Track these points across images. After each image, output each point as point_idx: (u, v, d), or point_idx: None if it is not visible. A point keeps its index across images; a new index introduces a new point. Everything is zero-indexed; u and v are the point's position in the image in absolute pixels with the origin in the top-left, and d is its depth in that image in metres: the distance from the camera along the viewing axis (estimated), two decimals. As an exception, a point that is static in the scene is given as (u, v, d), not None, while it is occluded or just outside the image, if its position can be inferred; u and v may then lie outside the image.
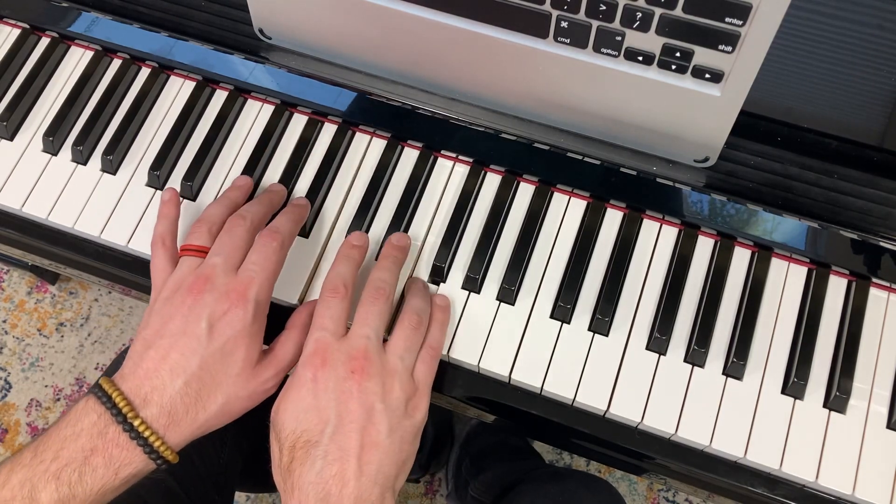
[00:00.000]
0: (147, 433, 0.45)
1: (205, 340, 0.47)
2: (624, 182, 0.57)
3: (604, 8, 0.46)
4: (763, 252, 0.55)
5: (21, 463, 0.45)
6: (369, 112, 0.60)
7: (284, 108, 0.61)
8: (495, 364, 0.54)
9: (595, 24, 0.47)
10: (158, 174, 0.59)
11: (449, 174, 0.59)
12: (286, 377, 0.50)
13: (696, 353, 0.53)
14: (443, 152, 0.60)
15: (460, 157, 0.59)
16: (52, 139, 0.61)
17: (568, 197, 0.58)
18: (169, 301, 0.49)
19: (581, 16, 0.47)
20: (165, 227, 0.53)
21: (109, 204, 0.59)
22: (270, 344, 0.52)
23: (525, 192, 0.58)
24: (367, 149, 0.60)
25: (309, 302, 0.54)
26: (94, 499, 0.45)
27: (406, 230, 0.57)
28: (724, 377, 0.53)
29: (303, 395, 0.46)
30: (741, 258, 0.56)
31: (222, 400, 0.48)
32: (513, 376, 0.53)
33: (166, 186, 0.59)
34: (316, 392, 0.46)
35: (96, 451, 0.44)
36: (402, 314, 0.51)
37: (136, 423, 0.45)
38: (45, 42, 0.65)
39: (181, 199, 0.59)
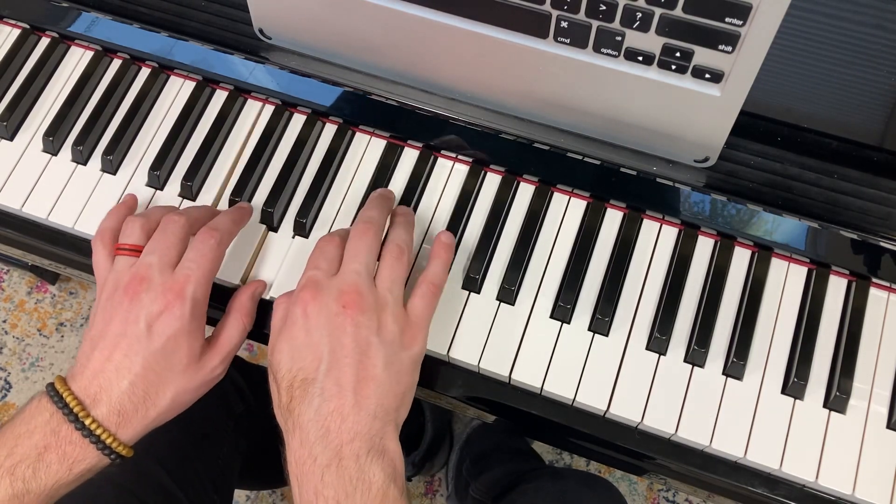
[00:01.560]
0: (99, 431, 0.46)
1: (145, 341, 0.47)
2: (624, 182, 0.57)
3: (604, 8, 0.46)
4: (763, 252, 0.55)
5: None
6: (369, 112, 0.60)
7: (284, 108, 0.61)
8: (495, 364, 0.53)
9: (595, 24, 0.47)
10: (158, 174, 0.59)
11: (449, 174, 0.59)
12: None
13: (696, 353, 0.53)
14: (443, 152, 0.60)
15: (460, 157, 0.59)
16: (52, 139, 0.61)
17: (568, 197, 0.58)
18: (109, 301, 0.49)
19: (581, 16, 0.47)
20: (108, 223, 0.54)
21: (110, 204, 0.59)
22: (213, 331, 0.52)
23: (525, 192, 0.58)
24: (366, 149, 0.60)
25: (247, 284, 0.55)
26: (48, 493, 0.45)
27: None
28: (724, 377, 0.53)
29: (295, 332, 0.46)
30: (741, 258, 0.56)
31: (171, 395, 0.48)
32: (513, 376, 0.53)
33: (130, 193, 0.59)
34: (308, 328, 0.46)
35: (50, 448, 0.45)
36: (385, 246, 0.51)
37: (87, 421, 0.46)
38: (45, 42, 0.65)
39: (181, 198, 0.59)
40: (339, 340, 0.45)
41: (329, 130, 0.61)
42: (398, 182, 0.59)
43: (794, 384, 0.52)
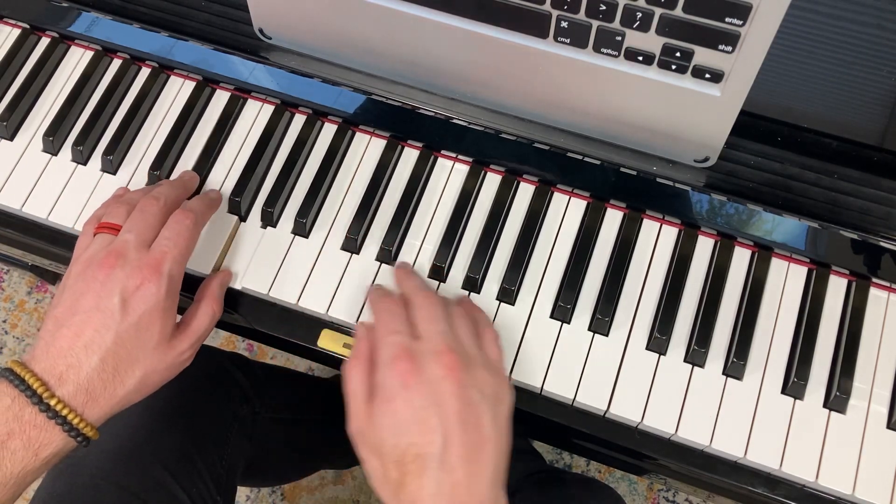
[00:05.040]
0: (65, 412, 0.45)
1: (118, 315, 0.47)
2: (624, 182, 0.57)
3: (604, 8, 0.46)
4: (763, 252, 0.55)
5: None
6: (369, 112, 0.60)
7: (284, 108, 0.61)
8: (495, 364, 0.53)
9: (595, 24, 0.47)
10: (158, 174, 0.59)
11: (449, 174, 0.59)
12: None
13: (696, 353, 0.53)
14: (443, 152, 0.60)
15: (460, 157, 0.59)
16: (52, 139, 0.61)
17: (568, 197, 0.58)
18: (81, 277, 0.48)
19: (581, 16, 0.47)
20: (101, 211, 0.54)
21: (109, 204, 0.59)
22: (183, 316, 0.53)
23: (525, 192, 0.58)
24: (366, 149, 0.60)
25: (217, 273, 0.56)
26: (15, 481, 0.44)
27: (406, 230, 0.57)
28: (724, 377, 0.53)
29: (397, 406, 0.44)
30: (741, 258, 0.56)
31: (140, 374, 0.48)
32: (513, 376, 0.53)
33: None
34: (411, 401, 0.44)
35: (13, 435, 0.44)
36: (448, 307, 0.50)
37: (52, 402, 0.44)
38: (45, 42, 0.65)
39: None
40: (447, 407, 0.43)
41: (329, 130, 0.61)
42: (398, 182, 0.59)
43: (794, 384, 0.52)
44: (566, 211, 0.58)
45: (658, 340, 0.53)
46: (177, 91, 0.63)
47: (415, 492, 0.43)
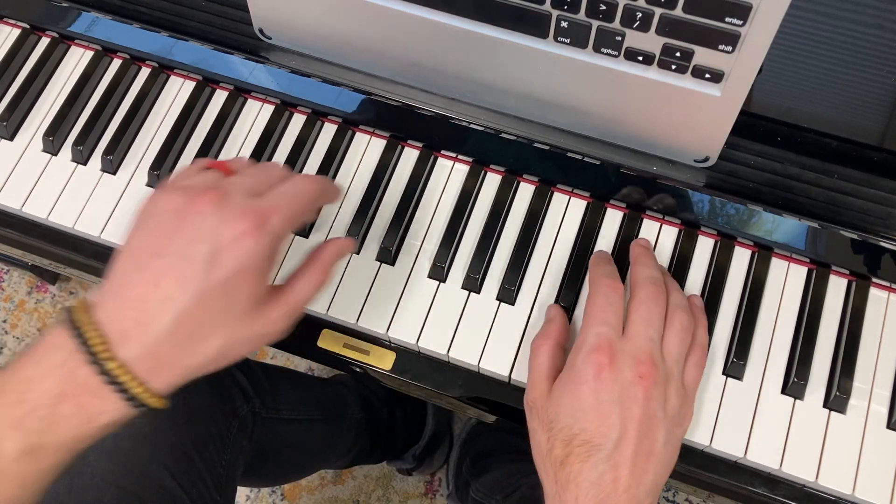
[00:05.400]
0: (124, 378, 0.38)
1: (204, 268, 0.39)
2: (624, 182, 0.57)
3: (604, 8, 0.46)
4: (763, 252, 0.55)
5: None
6: (369, 112, 0.60)
7: (284, 107, 0.61)
8: (496, 364, 0.54)
9: (595, 24, 0.47)
10: (158, 174, 0.59)
11: (449, 174, 0.59)
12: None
13: (696, 353, 0.53)
14: (443, 152, 0.60)
15: (460, 157, 0.59)
16: (52, 139, 0.61)
17: (568, 197, 0.58)
18: (171, 212, 0.40)
19: (581, 16, 0.47)
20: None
21: (109, 204, 0.59)
22: (286, 280, 0.45)
23: (525, 192, 0.58)
24: (366, 149, 0.60)
25: (334, 239, 0.48)
26: (67, 447, 0.39)
27: (406, 230, 0.57)
28: (724, 377, 0.53)
29: (583, 392, 0.45)
30: (741, 258, 0.56)
31: (220, 343, 0.41)
32: (513, 376, 0.53)
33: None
34: (598, 392, 0.44)
35: (65, 397, 0.38)
36: (673, 312, 0.49)
37: (110, 365, 0.38)
38: (45, 42, 0.65)
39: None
40: (629, 411, 0.44)
41: (329, 130, 0.61)
42: (398, 182, 0.59)
43: (794, 384, 0.52)
44: (566, 211, 0.58)
45: (658, 340, 0.53)
46: (177, 91, 0.63)
47: (575, 473, 0.44)
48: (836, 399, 0.51)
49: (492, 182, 0.59)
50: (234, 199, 0.41)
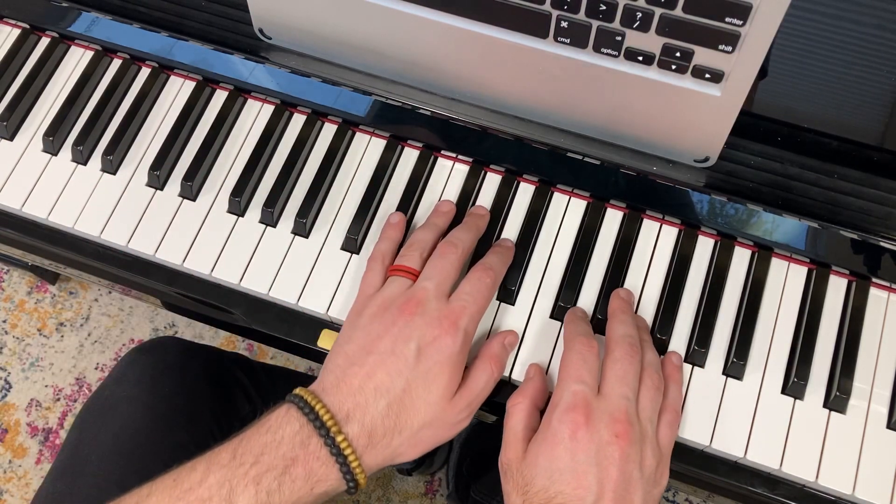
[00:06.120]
0: (348, 451, 0.44)
1: (412, 362, 0.46)
2: (624, 182, 0.57)
3: (604, 8, 0.46)
4: (763, 252, 0.55)
5: (219, 463, 0.44)
6: (369, 112, 0.60)
7: (284, 107, 0.61)
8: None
9: (595, 24, 0.47)
10: (158, 174, 0.59)
11: (449, 174, 0.59)
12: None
13: (696, 353, 0.53)
14: (443, 152, 0.60)
15: (460, 157, 0.59)
16: (52, 139, 0.61)
17: (568, 197, 0.58)
18: (377, 318, 0.48)
19: (581, 16, 0.47)
20: (388, 246, 0.54)
21: (109, 204, 0.59)
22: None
23: (525, 192, 0.58)
24: (366, 149, 0.60)
25: (500, 333, 0.53)
26: None
27: (406, 230, 0.57)
28: (724, 377, 0.53)
29: (559, 452, 0.45)
30: (741, 258, 0.56)
31: (417, 426, 0.47)
32: (513, 376, 0.53)
33: (395, 211, 0.58)
34: (574, 452, 0.44)
35: (297, 462, 0.44)
36: (646, 372, 0.49)
37: (338, 438, 0.44)
38: (45, 42, 0.65)
39: (181, 198, 0.59)
40: (606, 471, 0.44)
41: (329, 130, 0.61)
42: (398, 182, 0.59)
43: (794, 384, 0.52)
44: (566, 211, 0.58)
45: (658, 341, 0.53)
46: (177, 91, 0.63)
47: None
48: (836, 399, 0.51)
49: (492, 182, 0.59)
50: (429, 305, 0.48)
